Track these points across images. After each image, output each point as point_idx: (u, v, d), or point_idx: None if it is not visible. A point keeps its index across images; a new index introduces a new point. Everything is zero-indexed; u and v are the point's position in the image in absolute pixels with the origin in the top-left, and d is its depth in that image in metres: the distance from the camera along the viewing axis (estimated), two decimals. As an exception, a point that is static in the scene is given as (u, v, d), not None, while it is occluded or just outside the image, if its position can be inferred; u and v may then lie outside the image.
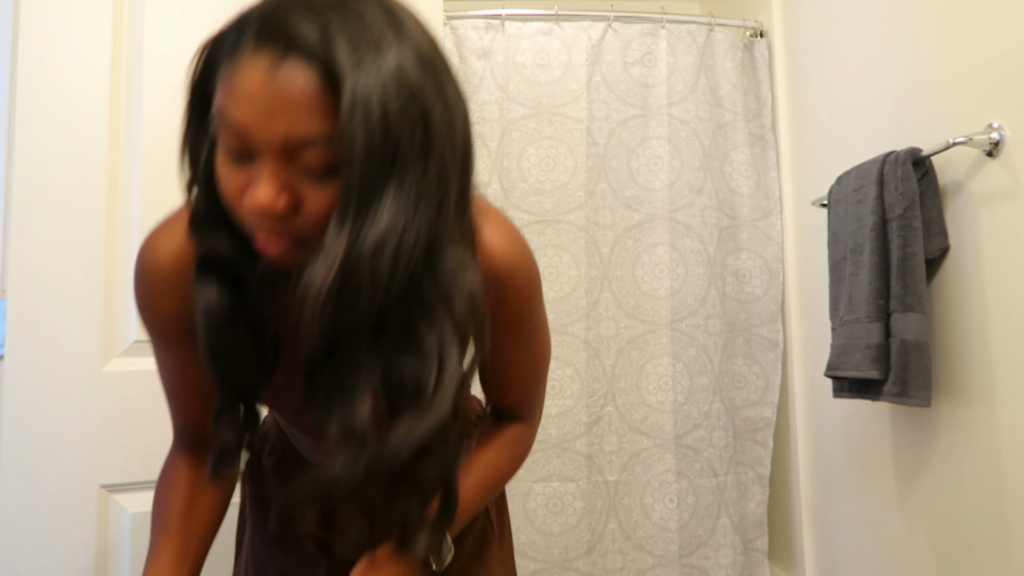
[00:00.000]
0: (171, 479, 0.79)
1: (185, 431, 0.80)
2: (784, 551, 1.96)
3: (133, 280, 0.73)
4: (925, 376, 1.26)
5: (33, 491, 1.12)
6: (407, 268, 0.54)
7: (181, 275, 0.67)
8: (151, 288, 0.71)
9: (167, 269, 0.70)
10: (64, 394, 1.15)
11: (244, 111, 0.53)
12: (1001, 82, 1.21)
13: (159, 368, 0.77)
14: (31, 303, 1.14)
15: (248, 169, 0.55)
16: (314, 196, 0.55)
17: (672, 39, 1.95)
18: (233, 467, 0.69)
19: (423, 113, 0.53)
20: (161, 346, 0.74)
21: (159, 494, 0.79)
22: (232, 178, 0.57)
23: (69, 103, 1.18)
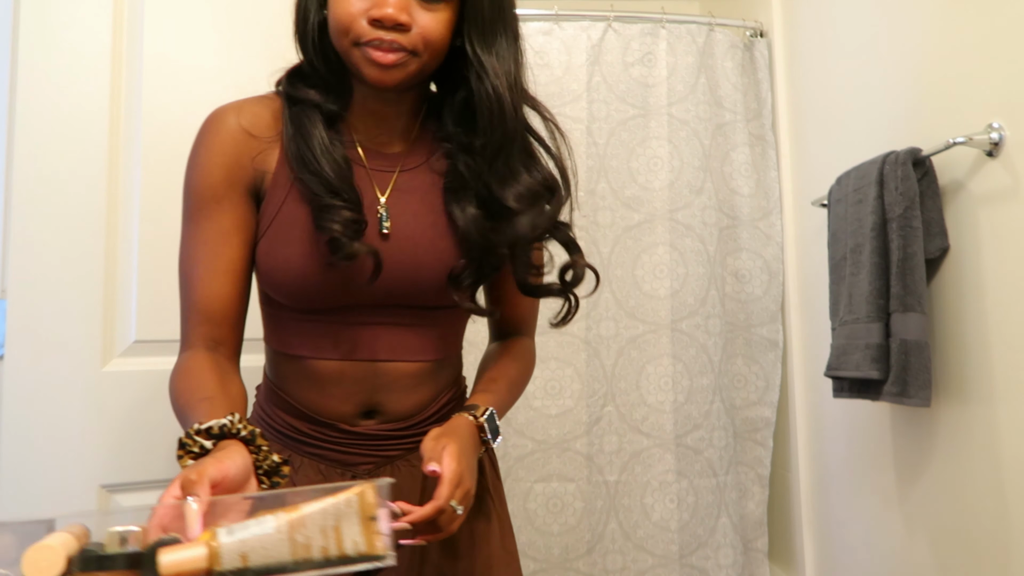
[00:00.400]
0: (194, 366, 0.77)
1: (200, 329, 0.79)
2: (784, 551, 1.96)
3: (199, 141, 0.82)
4: (925, 376, 1.26)
5: (33, 491, 1.12)
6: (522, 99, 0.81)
7: (250, 139, 0.80)
8: (222, 144, 0.80)
9: (237, 132, 0.80)
10: (64, 394, 1.15)
11: None
12: (1001, 82, 1.20)
13: (189, 250, 0.81)
14: (31, 303, 1.14)
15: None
16: (424, 18, 0.73)
17: (672, 39, 1.95)
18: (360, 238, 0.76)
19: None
20: (205, 213, 0.80)
21: (181, 380, 0.76)
22: (354, 5, 0.72)
23: (69, 103, 1.18)
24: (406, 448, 0.87)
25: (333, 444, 0.85)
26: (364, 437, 0.85)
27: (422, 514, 0.71)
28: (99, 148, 1.20)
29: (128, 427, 1.19)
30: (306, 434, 0.85)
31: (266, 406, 0.89)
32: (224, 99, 1.29)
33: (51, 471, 1.14)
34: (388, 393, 0.85)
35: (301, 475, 0.85)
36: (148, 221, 1.22)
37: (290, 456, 0.85)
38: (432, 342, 0.87)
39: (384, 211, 0.81)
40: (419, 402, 0.87)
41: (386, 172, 0.83)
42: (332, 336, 0.83)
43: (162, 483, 1.21)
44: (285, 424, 0.86)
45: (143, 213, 1.22)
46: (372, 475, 0.85)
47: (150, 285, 1.22)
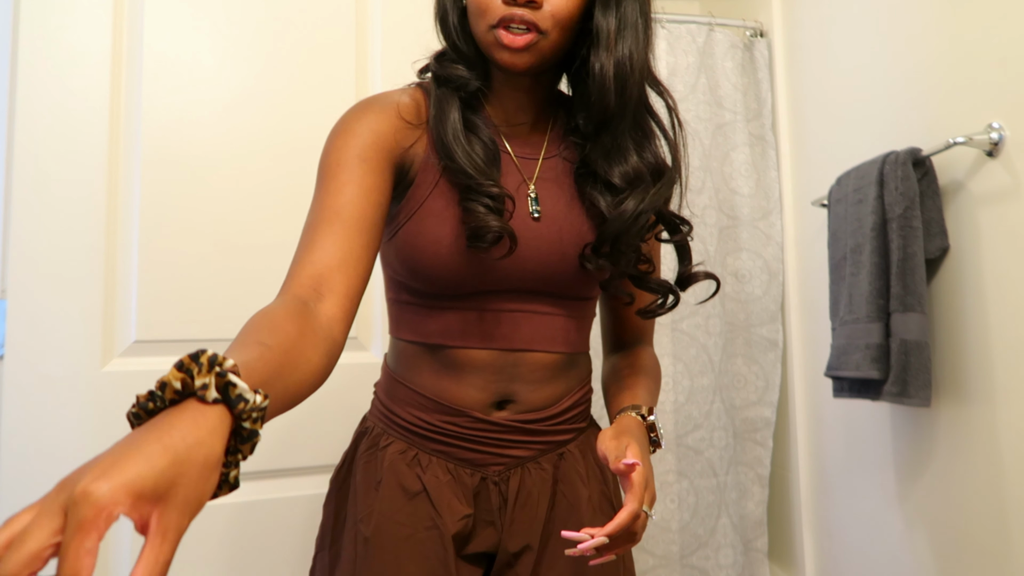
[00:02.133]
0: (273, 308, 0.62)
1: (303, 280, 0.67)
2: (784, 551, 1.96)
3: (350, 115, 0.81)
4: (925, 376, 1.26)
5: (33, 491, 1.12)
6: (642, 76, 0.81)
7: (401, 122, 0.81)
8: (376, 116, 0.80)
9: (391, 110, 0.81)
10: (64, 394, 1.15)
11: None
12: (1001, 82, 1.21)
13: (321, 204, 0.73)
14: (31, 303, 1.14)
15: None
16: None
17: (672, 39, 1.95)
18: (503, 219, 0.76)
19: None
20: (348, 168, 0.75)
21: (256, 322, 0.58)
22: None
23: (69, 104, 1.18)
24: (537, 448, 0.86)
25: (463, 439, 0.84)
26: (496, 428, 0.84)
27: (620, 523, 0.67)
28: (99, 148, 1.20)
29: (128, 427, 1.19)
30: (435, 427, 0.84)
31: (388, 402, 0.88)
32: (224, 99, 1.29)
33: (51, 471, 1.14)
34: (523, 383, 0.84)
35: (429, 474, 0.83)
36: (148, 221, 1.22)
37: (417, 454, 0.84)
38: (569, 333, 0.87)
39: (534, 194, 0.83)
40: (552, 395, 0.87)
41: (530, 160, 0.85)
42: (473, 324, 0.82)
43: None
44: (412, 418, 0.85)
45: (143, 213, 1.22)
46: (502, 478, 0.84)
47: (150, 285, 1.22)
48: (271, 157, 1.31)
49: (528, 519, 0.84)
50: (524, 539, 0.84)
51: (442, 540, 0.81)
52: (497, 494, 0.84)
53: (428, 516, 0.82)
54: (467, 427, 0.83)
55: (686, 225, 0.87)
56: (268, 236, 1.29)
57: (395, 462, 0.84)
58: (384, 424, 0.87)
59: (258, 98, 1.31)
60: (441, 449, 0.84)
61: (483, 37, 0.78)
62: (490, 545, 0.85)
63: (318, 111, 1.34)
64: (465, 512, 0.83)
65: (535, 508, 0.85)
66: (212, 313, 1.26)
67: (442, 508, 0.82)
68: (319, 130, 1.34)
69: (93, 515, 0.34)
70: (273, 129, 1.31)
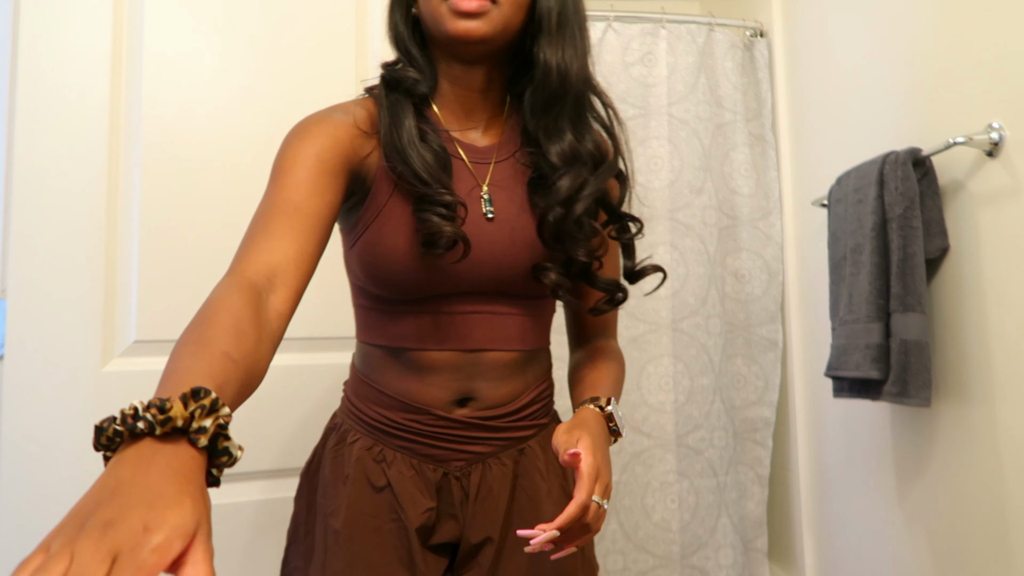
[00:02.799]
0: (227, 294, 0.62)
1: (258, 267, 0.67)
2: (784, 551, 1.96)
3: (318, 116, 0.83)
4: (925, 376, 1.26)
5: (33, 491, 1.12)
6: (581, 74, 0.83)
7: (357, 131, 0.82)
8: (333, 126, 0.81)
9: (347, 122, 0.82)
10: (64, 394, 1.15)
11: None
12: (1001, 82, 1.21)
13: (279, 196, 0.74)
14: (31, 303, 1.14)
15: None
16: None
17: (672, 39, 1.95)
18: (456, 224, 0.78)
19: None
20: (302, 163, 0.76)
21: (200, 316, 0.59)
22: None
23: (69, 103, 1.18)
24: (497, 444, 0.89)
25: (426, 436, 0.86)
26: (457, 425, 0.87)
27: (568, 515, 0.68)
28: (99, 148, 1.20)
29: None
30: (400, 424, 0.86)
31: (355, 400, 0.90)
32: (224, 98, 1.29)
33: (51, 471, 1.14)
34: (483, 381, 0.87)
35: (394, 469, 0.86)
36: (148, 221, 1.22)
37: (382, 450, 0.87)
38: (526, 332, 0.89)
39: (487, 195, 0.85)
40: (511, 391, 0.89)
41: (483, 164, 0.87)
42: (432, 327, 0.84)
43: (162, 483, 1.21)
44: (378, 416, 0.87)
45: (143, 213, 1.22)
46: (463, 473, 0.87)
47: (150, 285, 1.22)
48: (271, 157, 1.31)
49: (489, 512, 0.88)
50: (485, 531, 0.87)
51: (406, 531, 0.85)
52: (459, 488, 0.87)
53: (393, 509, 0.85)
54: (429, 424, 0.86)
55: (636, 223, 0.91)
56: (268, 236, 1.29)
57: (362, 458, 0.87)
58: (352, 421, 0.90)
59: (258, 97, 1.31)
60: (405, 445, 0.87)
61: (435, 10, 0.79)
62: (453, 536, 0.88)
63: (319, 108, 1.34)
64: (428, 505, 0.86)
65: (496, 502, 0.88)
66: (212, 313, 1.26)
67: (406, 502, 0.85)
68: (319, 130, 1.34)
69: (155, 562, 0.36)
70: (273, 129, 1.31)
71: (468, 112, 0.88)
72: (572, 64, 0.82)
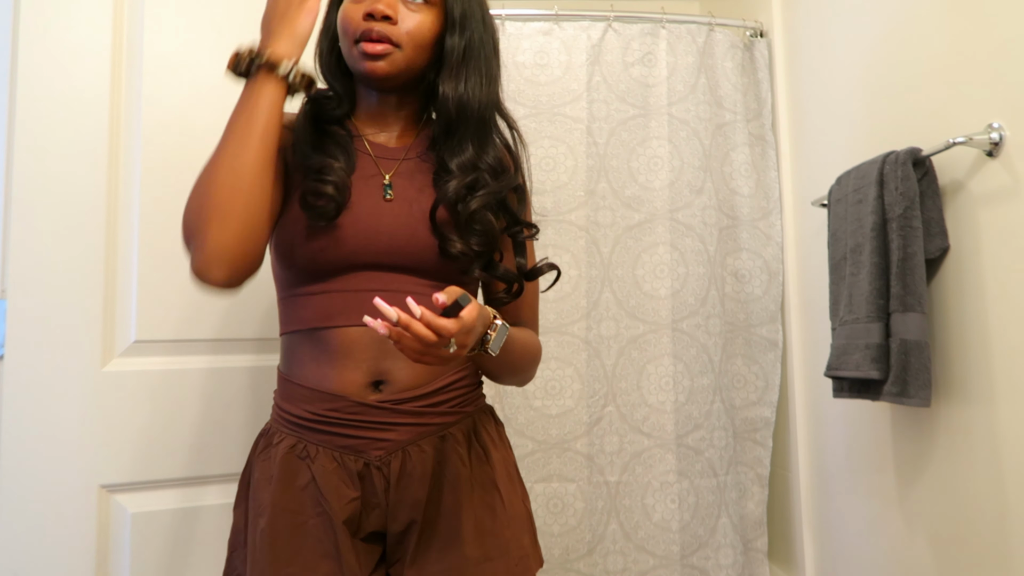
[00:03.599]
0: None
1: None
2: (784, 551, 1.96)
3: None
4: (925, 376, 1.26)
5: (33, 491, 1.12)
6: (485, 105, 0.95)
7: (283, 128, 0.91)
8: None
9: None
10: (64, 394, 1.15)
11: None
12: (1001, 82, 1.21)
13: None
14: (31, 303, 1.14)
15: (364, 1, 0.90)
16: (408, 16, 0.91)
17: (672, 39, 1.95)
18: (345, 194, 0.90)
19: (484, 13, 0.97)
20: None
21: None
22: (353, 9, 0.91)
23: (69, 103, 1.18)
24: (416, 431, 0.92)
25: (344, 425, 0.90)
26: (373, 411, 0.90)
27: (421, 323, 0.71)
28: (99, 147, 1.20)
29: (128, 427, 1.19)
30: (319, 416, 0.90)
31: (281, 402, 0.95)
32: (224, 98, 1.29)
33: (51, 471, 1.14)
34: (394, 361, 0.91)
35: (317, 464, 0.89)
36: (148, 220, 1.22)
37: (306, 447, 0.90)
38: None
39: (388, 183, 0.94)
40: (424, 373, 0.92)
41: (390, 160, 0.97)
42: (340, 303, 0.90)
43: (163, 483, 1.21)
44: (301, 411, 0.91)
45: (143, 212, 1.22)
46: (383, 462, 0.90)
47: (150, 285, 1.22)
48: (271, 157, 1.31)
49: (410, 498, 0.91)
50: (408, 516, 0.91)
51: (331, 524, 0.88)
52: (381, 477, 0.90)
53: (317, 503, 0.88)
54: (348, 412, 0.90)
55: (533, 228, 1.02)
56: (268, 236, 1.30)
57: (286, 456, 0.91)
58: (278, 423, 0.94)
59: (258, 98, 1.31)
60: (326, 439, 0.90)
61: (350, 52, 0.92)
62: (379, 525, 0.92)
63: (318, 111, 1.34)
64: (352, 496, 0.89)
65: (417, 488, 0.91)
66: (212, 313, 1.26)
67: (329, 494, 0.88)
68: (319, 130, 1.34)
69: None
70: (273, 129, 1.32)
71: (382, 122, 1.00)
72: (475, 93, 0.94)
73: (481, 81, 0.95)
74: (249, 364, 1.29)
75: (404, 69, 0.92)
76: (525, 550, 0.96)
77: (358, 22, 0.90)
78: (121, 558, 1.18)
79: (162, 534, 1.20)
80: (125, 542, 1.18)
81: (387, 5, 0.89)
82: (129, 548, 1.18)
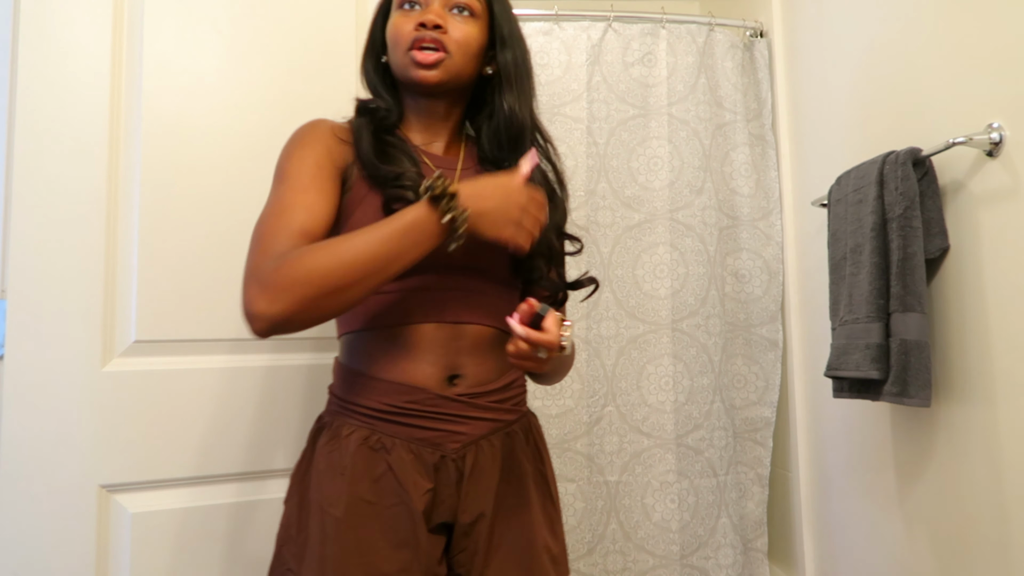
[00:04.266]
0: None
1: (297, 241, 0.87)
2: (784, 551, 1.96)
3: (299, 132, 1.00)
4: (925, 376, 1.26)
5: (33, 491, 1.12)
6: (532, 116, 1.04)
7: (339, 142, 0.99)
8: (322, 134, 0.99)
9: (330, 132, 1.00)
10: (64, 394, 1.15)
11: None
12: (1001, 82, 1.21)
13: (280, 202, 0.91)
14: (31, 303, 1.14)
15: (413, 13, 0.98)
16: (456, 25, 0.98)
17: (672, 39, 1.95)
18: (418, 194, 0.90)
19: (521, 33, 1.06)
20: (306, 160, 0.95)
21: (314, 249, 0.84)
22: (403, 21, 0.98)
23: (69, 103, 1.18)
24: (486, 425, 0.96)
25: (422, 416, 0.93)
26: (451, 404, 0.94)
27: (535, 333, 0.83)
28: (99, 148, 1.20)
29: (128, 427, 1.19)
30: (398, 408, 0.93)
31: (347, 395, 0.97)
32: (224, 98, 1.30)
33: (51, 471, 1.14)
34: (467, 356, 0.96)
35: (394, 455, 0.92)
36: (148, 221, 1.22)
37: (380, 438, 0.93)
38: (498, 310, 0.98)
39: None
40: (494, 368, 0.98)
41: (448, 169, 1.02)
42: (415, 302, 0.95)
43: (162, 483, 1.21)
44: (376, 403, 0.94)
45: (143, 213, 1.22)
46: (459, 455, 0.94)
47: (150, 285, 1.22)
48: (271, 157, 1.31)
49: (482, 491, 0.95)
50: (478, 508, 0.95)
51: (410, 514, 0.91)
52: (455, 470, 0.94)
53: (395, 493, 0.91)
54: (426, 405, 0.93)
55: (577, 242, 1.08)
56: (268, 236, 1.29)
57: (360, 448, 0.93)
58: (344, 416, 0.96)
59: (258, 97, 1.31)
60: (402, 431, 0.93)
61: (401, 61, 0.98)
62: (447, 516, 0.95)
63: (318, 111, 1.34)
64: (427, 487, 0.92)
65: (488, 480, 0.95)
66: (212, 313, 1.26)
67: (408, 485, 0.91)
68: (319, 130, 1.34)
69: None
70: (273, 128, 1.31)
71: (431, 132, 1.05)
72: (522, 108, 1.01)
73: (525, 97, 1.03)
74: (249, 364, 1.29)
75: (454, 76, 0.98)
76: (564, 545, 1.04)
77: (409, 32, 0.96)
78: (121, 558, 1.18)
79: (162, 534, 1.20)
80: (125, 542, 1.18)
81: (437, 15, 0.96)
82: (129, 548, 1.18)
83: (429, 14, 0.96)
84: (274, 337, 1.31)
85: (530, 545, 0.96)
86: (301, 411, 1.30)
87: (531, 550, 0.96)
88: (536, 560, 0.96)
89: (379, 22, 1.05)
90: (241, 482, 1.27)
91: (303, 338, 1.31)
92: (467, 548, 0.95)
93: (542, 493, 1.01)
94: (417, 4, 0.99)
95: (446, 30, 0.96)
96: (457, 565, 0.96)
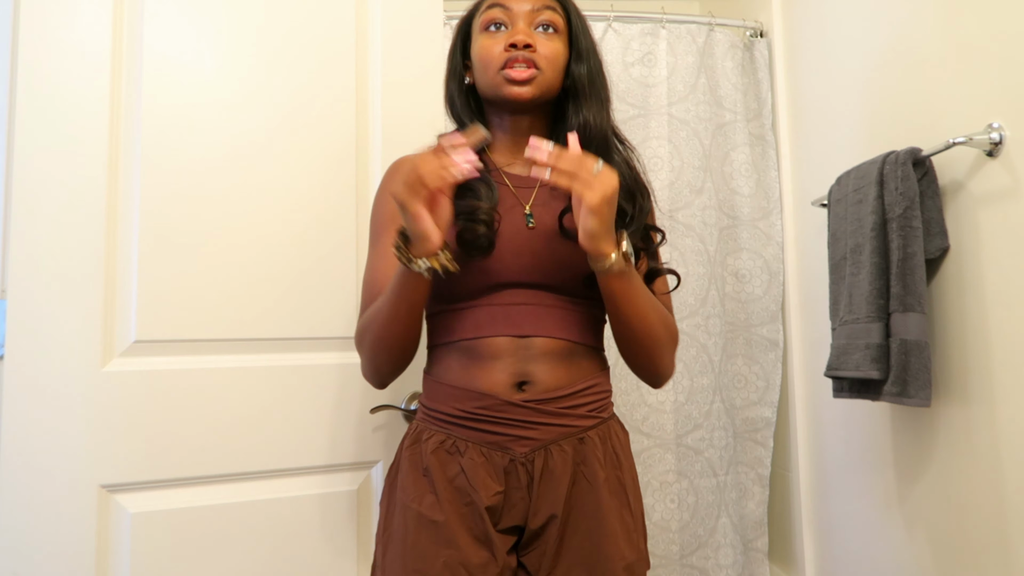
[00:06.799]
0: None
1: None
2: (784, 551, 1.96)
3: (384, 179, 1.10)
4: (925, 376, 1.26)
5: (33, 491, 1.12)
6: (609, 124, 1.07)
7: None
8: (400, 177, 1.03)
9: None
10: (64, 394, 1.15)
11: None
12: (1001, 82, 1.21)
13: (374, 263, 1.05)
14: (31, 303, 1.14)
15: (500, 35, 1.02)
16: (543, 42, 1.01)
17: (672, 39, 1.95)
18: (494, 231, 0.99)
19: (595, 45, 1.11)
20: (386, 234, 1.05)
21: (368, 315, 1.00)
22: (491, 43, 1.02)
23: (69, 103, 1.18)
24: (556, 431, 0.98)
25: (492, 422, 0.97)
26: (519, 410, 0.97)
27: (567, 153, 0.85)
28: (99, 148, 1.20)
29: (128, 427, 1.19)
30: (468, 413, 0.98)
31: (430, 402, 1.04)
32: (224, 98, 1.30)
33: (51, 471, 1.14)
34: (536, 364, 0.99)
35: (466, 458, 0.97)
36: (148, 221, 1.22)
37: (455, 442, 0.99)
38: (568, 324, 1.02)
39: (529, 211, 1.03)
40: (563, 377, 1.00)
41: (526, 189, 1.05)
42: (488, 317, 1.00)
43: (162, 483, 1.21)
44: (451, 409, 0.99)
45: (143, 213, 1.22)
46: (528, 459, 0.97)
47: (150, 285, 1.22)
48: (271, 157, 1.31)
49: (552, 494, 0.97)
50: (549, 511, 0.97)
51: (480, 513, 0.95)
52: (525, 473, 0.97)
53: (466, 493, 0.96)
54: (495, 410, 0.97)
55: (659, 233, 1.09)
56: (268, 236, 1.29)
57: (436, 451, 0.99)
58: (427, 422, 1.03)
59: (259, 97, 1.31)
60: (474, 435, 0.98)
61: (493, 80, 1.01)
62: (520, 518, 0.98)
63: (318, 111, 1.34)
64: (497, 489, 0.96)
65: (558, 485, 0.97)
66: (212, 313, 1.26)
67: (478, 486, 0.95)
68: (319, 130, 1.34)
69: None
70: (274, 129, 1.31)
71: (515, 151, 1.07)
72: (601, 118, 1.04)
73: (603, 107, 1.06)
74: (249, 364, 1.29)
75: (546, 90, 1.02)
76: (643, 553, 1.03)
77: (500, 53, 1.00)
78: (121, 558, 1.18)
79: (162, 534, 1.20)
80: (125, 542, 1.18)
81: (526, 35, 1.00)
82: (129, 548, 1.18)
83: (519, 34, 0.99)
84: (274, 337, 1.32)
85: (599, 551, 0.96)
86: (301, 411, 1.30)
87: (600, 556, 0.96)
88: (606, 567, 0.96)
89: (459, 46, 1.09)
90: (241, 482, 1.27)
91: (303, 338, 1.31)
92: (537, 548, 0.98)
93: (619, 501, 1.01)
94: (504, 25, 1.02)
95: (535, 48, 1.00)
96: (527, 564, 0.99)
